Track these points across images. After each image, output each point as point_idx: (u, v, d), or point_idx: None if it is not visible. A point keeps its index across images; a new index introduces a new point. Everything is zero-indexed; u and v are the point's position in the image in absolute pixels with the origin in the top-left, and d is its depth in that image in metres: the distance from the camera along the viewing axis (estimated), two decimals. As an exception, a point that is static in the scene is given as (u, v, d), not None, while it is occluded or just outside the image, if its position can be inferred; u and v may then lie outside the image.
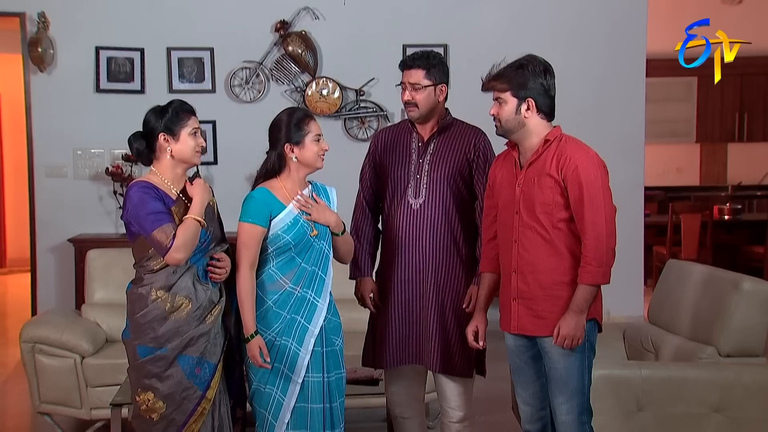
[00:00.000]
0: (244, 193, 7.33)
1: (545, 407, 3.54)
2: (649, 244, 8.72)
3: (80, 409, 4.95)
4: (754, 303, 4.09)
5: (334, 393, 3.55)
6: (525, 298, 3.41)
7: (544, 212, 3.34)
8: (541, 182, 3.35)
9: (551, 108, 3.42)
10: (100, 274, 5.55)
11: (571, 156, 3.31)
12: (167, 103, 3.48)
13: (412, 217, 3.89)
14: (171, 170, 3.45)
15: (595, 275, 3.26)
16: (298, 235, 3.50)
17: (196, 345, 3.38)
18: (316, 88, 7.30)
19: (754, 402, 3.94)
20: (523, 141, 3.43)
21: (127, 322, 3.45)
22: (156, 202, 3.32)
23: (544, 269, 3.37)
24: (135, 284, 3.45)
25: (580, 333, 3.29)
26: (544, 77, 3.38)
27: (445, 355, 3.85)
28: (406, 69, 3.86)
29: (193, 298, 3.38)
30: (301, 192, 3.55)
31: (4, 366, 6.79)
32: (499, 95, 3.41)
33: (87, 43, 7.17)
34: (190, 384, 3.38)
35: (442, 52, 7.40)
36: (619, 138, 7.61)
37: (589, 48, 7.61)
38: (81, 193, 7.23)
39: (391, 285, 3.94)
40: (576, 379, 3.37)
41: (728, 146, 11.41)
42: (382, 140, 4.08)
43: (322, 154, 3.56)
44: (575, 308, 3.28)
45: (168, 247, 3.26)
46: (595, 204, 3.26)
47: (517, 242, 3.41)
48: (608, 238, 3.26)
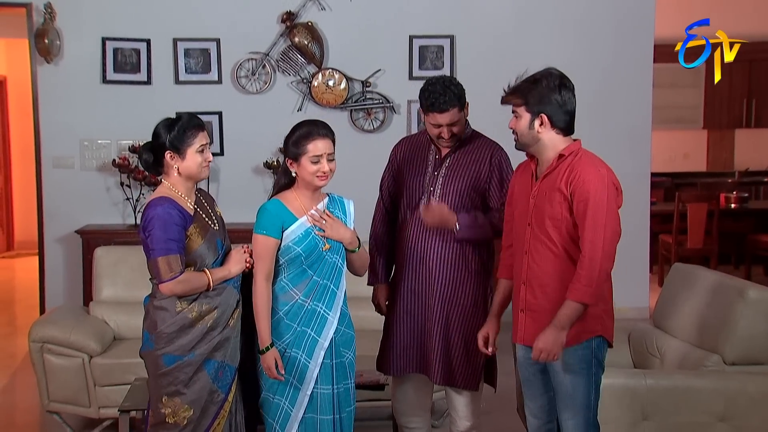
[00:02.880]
0: (250, 184, 7.51)
1: (552, 420, 3.55)
2: (655, 233, 8.72)
3: (89, 408, 4.99)
4: (760, 311, 4.08)
5: (342, 403, 3.57)
6: (532, 310, 3.42)
7: (553, 227, 3.33)
8: (551, 196, 3.34)
9: (567, 123, 3.36)
10: (108, 271, 5.56)
11: (580, 172, 3.29)
12: (176, 118, 3.46)
13: (423, 229, 3.90)
14: (182, 184, 3.46)
15: (582, 293, 3.24)
16: (308, 247, 3.49)
17: (222, 349, 3.43)
18: (322, 80, 7.28)
19: (758, 411, 3.95)
20: (540, 155, 3.42)
21: (146, 335, 3.46)
22: (175, 229, 3.33)
23: (551, 283, 3.36)
24: (154, 297, 3.45)
25: (557, 349, 3.27)
26: (558, 92, 3.32)
27: (447, 367, 3.87)
28: (439, 113, 3.77)
29: (217, 306, 3.42)
30: (316, 207, 3.54)
31: (12, 357, 6.83)
32: (515, 109, 3.39)
33: (93, 34, 7.16)
34: (215, 387, 3.43)
35: (449, 43, 7.39)
36: (625, 125, 7.62)
37: (596, 35, 7.58)
38: (88, 184, 7.25)
39: (399, 294, 3.97)
40: (582, 396, 3.38)
41: (736, 132, 11.37)
42: (401, 150, 4.09)
43: (321, 175, 3.48)
44: (556, 323, 3.27)
45: (169, 279, 3.31)
46: (597, 224, 3.23)
47: (528, 254, 3.41)
48: (603, 261, 3.24)
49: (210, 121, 7.29)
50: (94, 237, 6.87)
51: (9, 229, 11.76)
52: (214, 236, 3.49)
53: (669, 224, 8.99)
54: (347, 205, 3.67)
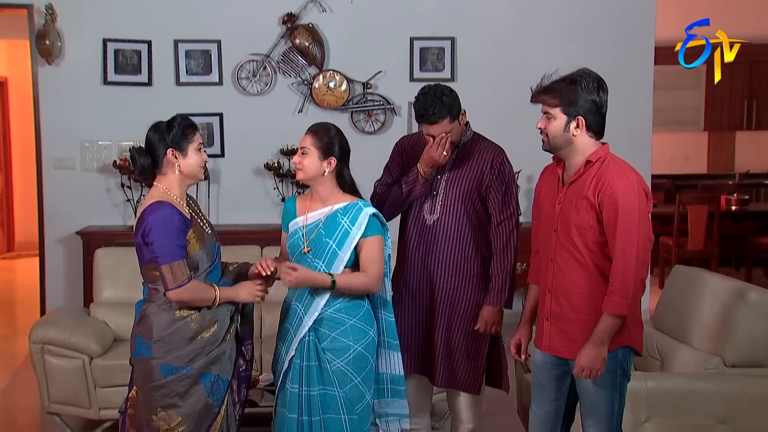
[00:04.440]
0: (251, 186, 7.51)
1: (556, 428, 3.52)
2: (656, 234, 8.66)
3: (89, 410, 4.98)
4: (761, 313, 4.08)
5: (321, 408, 3.53)
6: (557, 319, 3.35)
7: (579, 235, 3.24)
8: (578, 204, 3.24)
9: (601, 126, 3.27)
10: (109, 273, 5.56)
11: (609, 180, 3.17)
12: (170, 120, 3.45)
13: (425, 232, 3.90)
14: (178, 186, 3.44)
15: (620, 306, 3.15)
16: (292, 246, 3.61)
17: (219, 363, 3.42)
18: (323, 81, 7.28)
19: (759, 414, 3.95)
20: (569, 158, 3.31)
21: (138, 341, 3.43)
22: (178, 234, 3.31)
23: (577, 292, 3.28)
24: (150, 302, 3.43)
25: (599, 365, 3.19)
26: (597, 94, 3.22)
27: (448, 370, 3.88)
28: (429, 124, 3.74)
29: (219, 319, 3.42)
30: (268, 259, 3.50)
31: (13, 359, 6.83)
32: (548, 110, 3.26)
33: (94, 36, 7.16)
34: (210, 401, 3.42)
35: (450, 45, 7.39)
36: (626, 127, 7.56)
37: (597, 37, 7.58)
38: (89, 186, 7.26)
39: (402, 295, 3.97)
40: (606, 404, 3.31)
41: (736, 134, 11.37)
42: (404, 149, 4.06)
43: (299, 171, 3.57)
44: (596, 339, 3.18)
45: (176, 286, 3.28)
46: (629, 233, 3.12)
47: (554, 261, 3.33)
48: (638, 270, 3.14)
49: (211, 122, 7.31)
50: (95, 238, 6.87)
51: (9, 230, 11.77)
52: (209, 240, 3.49)
53: (669, 226, 8.98)
54: (360, 217, 3.55)
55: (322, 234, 3.53)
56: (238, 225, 7.14)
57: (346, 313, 3.55)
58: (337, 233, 3.52)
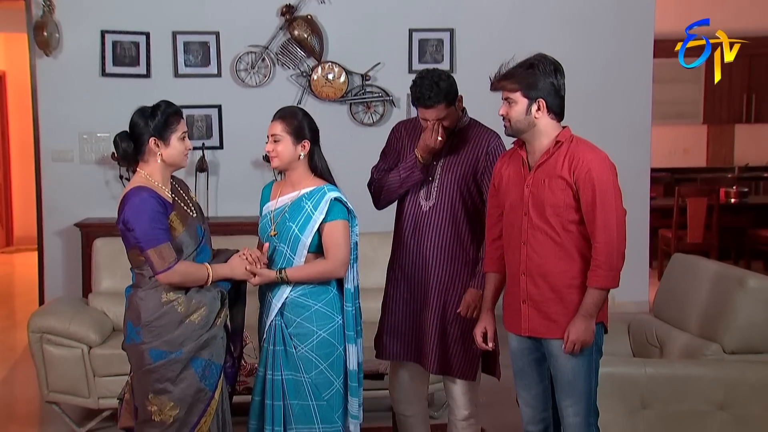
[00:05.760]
0: (249, 178, 7.50)
1: (547, 409, 3.55)
2: (655, 227, 8.71)
3: (88, 399, 4.98)
4: (760, 300, 4.09)
5: (278, 392, 3.53)
6: (535, 301, 3.39)
7: (555, 214, 3.31)
8: (551, 184, 3.31)
9: (561, 108, 3.37)
10: (107, 262, 5.56)
11: (583, 158, 3.27)
12: (155, 106, 3.44)
13: (420, 218, 3.89)
14: (160, 173, 3.44)
15: (605, 279, 3.25)
16: (261, 229, 3.69)
17: (209, 347, 3.41)
18: (321, 73, 7.27)
19: (758, 399, 3.96)
20: (532, 141, 3.39)
21: (129, 326, 3.43)
22: (158, 217, 3.31)
23: (553, 272, 3.34)
24: (138, 287, 3.43)
25: (589, 337, 3.28)
26: (554, 77, 3.33)
27: (443, 357, 3.86)
28: (425, 108, 3.74)
29: (207, 302, 3.41)
30: (249, 252, 3.54)
31: (12, 350, 6.83)
32: (508, 95, 3.35)
33: (92, 27, 7.14)
34: (202, 386, 3.41)
35: (448, 37, 7.39)
36: (625, 120, 7.61)
37: (596, 30, 7.58)
38: (87, 178, 7.24)
39: (397, 282, 3.97)
40: (583, 382, 3.37)
41: (735, 127, 11.36)
42: (400, 135, 4.04)
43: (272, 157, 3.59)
44: (585, 313, 3.27)
45: (165, 269, 3.29)
46: (607, 207, 3.23)
47: (526, 244, 3.38)
48: (619, 242, 3.24)
49: (209, 114, 7.31)
50: (94, 230, 6.85)
51: (8, 224, 11.77)
52: (193, 223, 3.48)
53: (669, 219, 8.99)
54: (322, 202, 3.53)
55: (286, 218, 3.56)
56: (237, 217, 7.13)
57: (311, 298, 3.55)
58: (300, 217, 3.53)
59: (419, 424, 4.08)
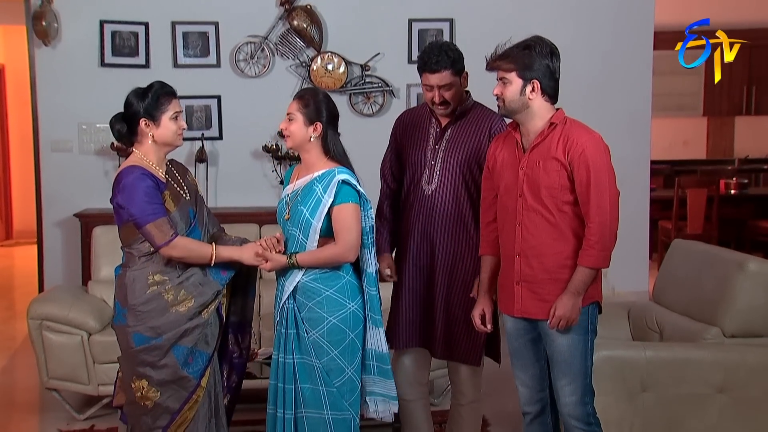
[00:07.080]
0: (249, 168, 7.48)
1: (544, 389, 3.56)
2: (655, 219, 8.71)
3: (87, 385, 4.99)
4: (760, 283, 4.09)
5: (290, 375, 3.52)
6: (529, 282, 3.41)
7: (550, 195, 3.33)
8: (546, 165, 3.33)
9: (555, 91, 3.40)
10: (106, 250, 5.55)
11: (577, 140, 3.30)
12: (148, 86, 3.46)
13: (424, 202, 3.89)
14: (155, 153, 3.46)
15: (597, 258, 3.28)
16: (278, 213, 3.65)
17: (191, 336, 3.41)
18: (321, 63, 7.26)
19: (758, 382, 3.96)
20: (526, 123, 3.41)
21: (117, 307, 3.44)
22: (153, 192, 3.32)
23: (548, 253, 3.37)
24: (127, 267, 3.44)
25: (575, 314, 3.30)
26: (550, 59, 3.35)
27: (448, 341, 3.87)
28: (431, 73, 3.75)
29: (196, 296, 3.41)
30: (265, 239, 3.55)
31: (12, 340, 6.84)
32: (504, 75, 3.37)
33: (91, 17, 7.12)
34: (185, 373, 3.41)
35: (448, 27, 7.37)
36: (625, 112, 7.58)
37: (596, 21, 7.55)
38: (86, 168, 7.22)
39: (404, 268, 3.97)
40: (579, 361, 3.39)
41: (735, 119, 11.36)
42: (402, 123, 4.07)
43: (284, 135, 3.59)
44: (573, 290, 3.30)
45: (165, 242, 3.30)
46: (601, 188, 3.26)
47: (521, 225, 3.40)
48: (612, 223, 3.28)
49: (209, 104, 7.29)
50: (93, 220, 6.82)
51: (8, 217, 11.76)
52: (186, 205, 3.49)
53: (669, 211, 8.98)
54: (331, 185, 3.48)
55: (299, 201, 3.53)
56: (236, 207, 7.13)
57: (322, 283, 3.52)
58: (311, 201, 3.49)
59: (420, 409, 4.08)
